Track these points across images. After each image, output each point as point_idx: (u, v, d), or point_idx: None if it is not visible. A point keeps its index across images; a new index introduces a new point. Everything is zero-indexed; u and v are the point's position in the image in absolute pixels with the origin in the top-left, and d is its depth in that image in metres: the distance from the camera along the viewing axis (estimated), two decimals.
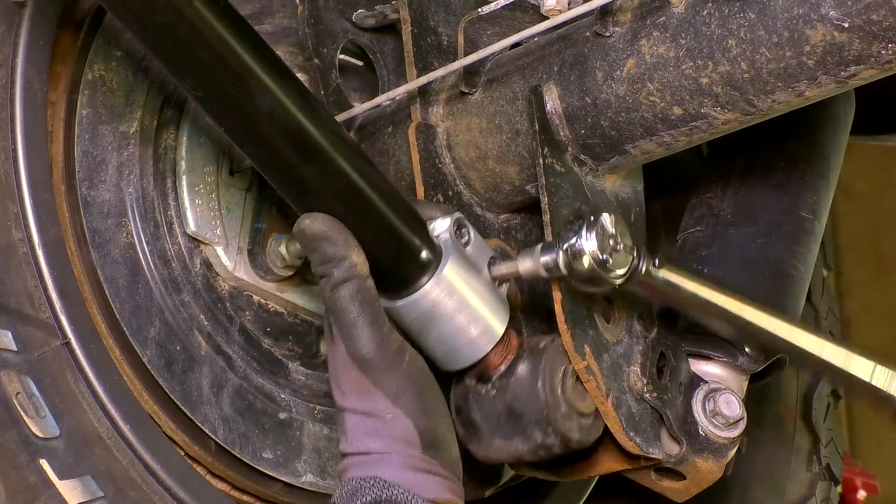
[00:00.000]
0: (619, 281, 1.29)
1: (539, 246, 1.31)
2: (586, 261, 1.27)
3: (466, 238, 1.34)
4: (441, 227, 1.33)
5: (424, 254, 1.29)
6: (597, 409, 1.38)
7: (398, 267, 1.29)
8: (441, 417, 1.29)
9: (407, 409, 1.25)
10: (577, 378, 1.36)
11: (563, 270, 1.28)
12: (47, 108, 1.39)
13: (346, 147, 1.27)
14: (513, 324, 1.38)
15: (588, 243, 1.27)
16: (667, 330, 1.48)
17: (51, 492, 1.24)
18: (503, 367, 1.35)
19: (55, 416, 1.27)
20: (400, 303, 1.29)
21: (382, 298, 1.30)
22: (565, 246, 1.28)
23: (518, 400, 1.34)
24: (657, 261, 1.32)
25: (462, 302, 1.30)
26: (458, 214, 1.34)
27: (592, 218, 1.28)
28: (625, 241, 1.29)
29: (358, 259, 1.25)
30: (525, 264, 1.31)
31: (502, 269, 1.34)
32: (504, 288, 1.36)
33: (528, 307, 1.50)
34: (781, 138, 1.63)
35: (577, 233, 1.27)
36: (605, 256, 1.27)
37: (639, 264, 1.31)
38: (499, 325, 1.33)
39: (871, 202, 4.38)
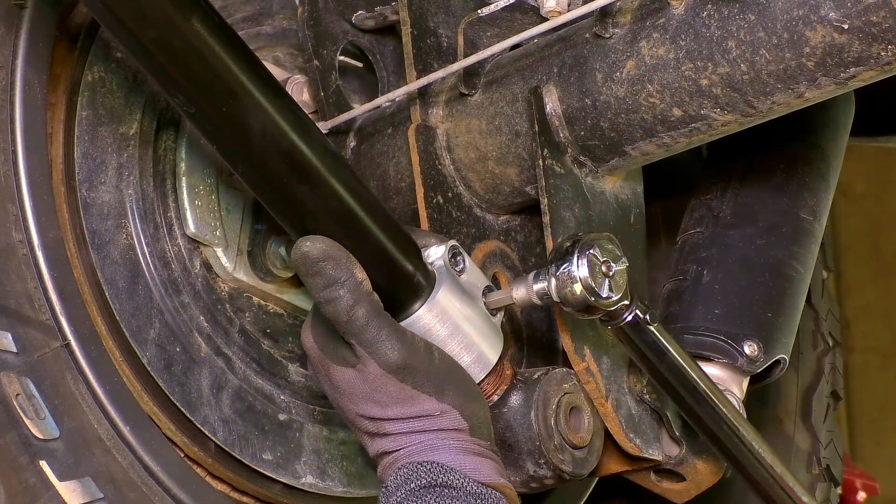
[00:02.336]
0: (611, 307, 1.29)
1: (532, 274, 1.30)
2: (578, 289, 1.27)
3: (461, 266, 1.34)
4: (436, 254, 1.33)
5: (417, 279, 1.29)
6: (590, 441, 1.38)
7: (391, 291, 1.28)
8: (479, 400, 1.30)
9: (452, 402, 1.26)
10: (571, 410, 1.37)
11: (556, 298, 1.28)
12: (47, 110, 1.39)
13: (339, 168, 1.26)
14: (507, 354, 1.38)
15: (580, 271, 1.27)
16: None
17: (51, 493, 1.24)
18: (496, 397, 1.35)
19: (55, 417, 1.27)
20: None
21: None
22: (558, 274, 1.28)
23: (511, 430, 1.34)
24: (650, 315, 1.32)
25: (455, 329, 1.30)
26: (453, 242, 1.34)
27: (585, 246, 1.27)
28: (619, 271, 1.29)
29: (361, 276, 1.24)
30: (519, 292, 1.31)
31: (496, 297, 1.34)
32: (499, 317, 1.36)
33: (529, 310, 1.50)
34: (781, 140, 1.63)
35: (570, 261, 1.27)
36: (596, 285, 1.27)
37: (630, 304, 1.30)
38: (492, 354, 1.33)
39: (870, 203, 4.39)
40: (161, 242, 1.45)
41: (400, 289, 1.28)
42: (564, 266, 1.27)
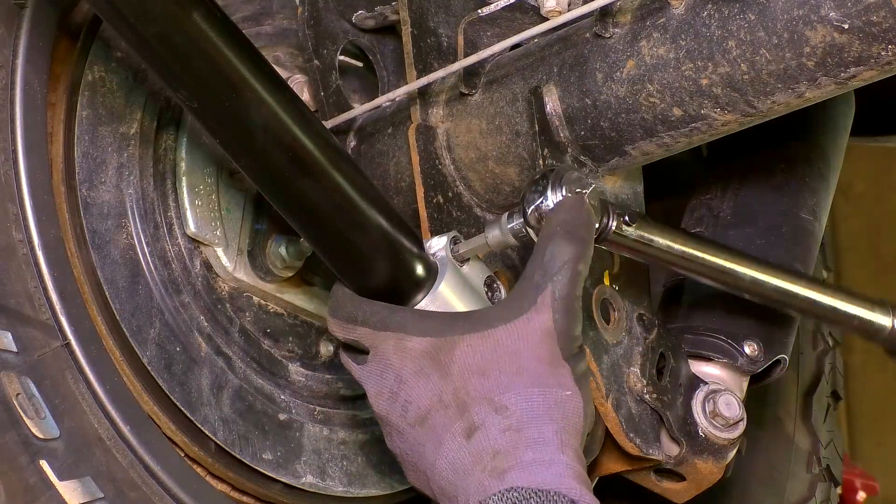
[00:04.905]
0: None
1: (505, 214, 1.30)
2: None
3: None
4: (438, 244, 1.33)
5: (420, 270, 1.29)
6: (592, 429, 1.37)
7: (393, 283, 1.28)
8: (594, 411, 1.23)
9: (584, 394, 1.18)
10: None
11: (532, 234, 1.26)
12: (47, 110, 1.39)
13: (341, 161, 1.27)
14: None
15: (556, 199, 1.25)
16: (667, 331, 1.48)
17: (51, 493, 1.24)
18: None
19: (55, 416, 1.27)
20: None
21: None
22: (531, 208, 1.26)
23: None
24: (628, 217, 1.31)
25: None
26: (454, 233, 1.34)
27: (556, 177, 1.26)
28: (591, 198, 1.27)
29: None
30: (492, 234, 1.29)
31: (469, 245, 1.31)
32: None
33: None
34: (781, 140, 1.63)
35: (543, 193, 1.25)
36: None
37: (608, 222, 1.30)
38: None
39: (870, 204, 4.38)
40: (161, 242, 1.45)
41: (402, 280, 1.28)
42: (540, 200, 1.25)
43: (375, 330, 1.24)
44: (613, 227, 1.30)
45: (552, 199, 1.25)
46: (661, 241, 1.36)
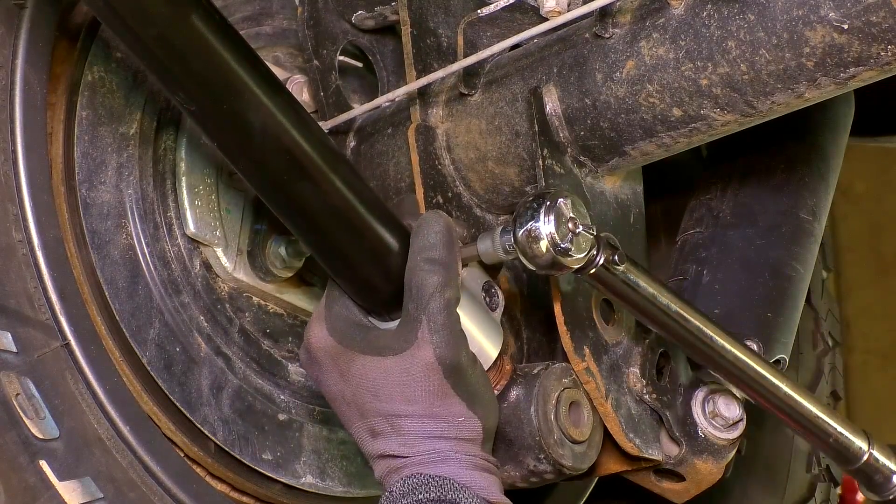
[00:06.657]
0: (576, 266, 1.27)
1: (500, 227, 1.30)
2: (544, 245, 1.25)
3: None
4: None
5: None
6: (590, 436, 1.37)
7: (391, 287, 1.28)
8: (497, 414, 1.29)
9: (479, 412, 1.24)
10: (571, 404, 1.36)
11: (520, 252, 1.26)
12: (47, 110, 1.39)
13: (339, 164, 1.27)
14: (506, 350, 1.38)
15: (546, 226, 1.25)
16: None
17: (50, 493, 1.24)
18: (496, 392, 1.34)
19: (55, 417, 1.27)
20: (392, 324, 1.29)
21: (375, 319, 1.30)
22: (521, 231, 1.26)
23: (511, 425, 1.34)
24: (617, 256, 1.30)
25: None
26: None
27: (551, 201, 1.26)
28: (584, 224, 1.27)
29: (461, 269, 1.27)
30: (484, 244, 1.29)
31: (463, 252, 1.31)
32: (499, 313, 1.35)
33: (528, 309, 1.50)
34: (781, 140, 1.63)
35: (536, 215, 1.25)
36: (562, 241, 1.25)
37: (597, 255, 1.29)
38: (492, 350, 1.33)
39: (870, 204, 4.39)
40: (161, 242, 1.45)
41: (400, 285, 1.28)
42: (531, 223, 1.25)
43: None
44: (601, 262, 1.28)
45: (544, 222, 1.25)
46: (647, 288, 1.33)
